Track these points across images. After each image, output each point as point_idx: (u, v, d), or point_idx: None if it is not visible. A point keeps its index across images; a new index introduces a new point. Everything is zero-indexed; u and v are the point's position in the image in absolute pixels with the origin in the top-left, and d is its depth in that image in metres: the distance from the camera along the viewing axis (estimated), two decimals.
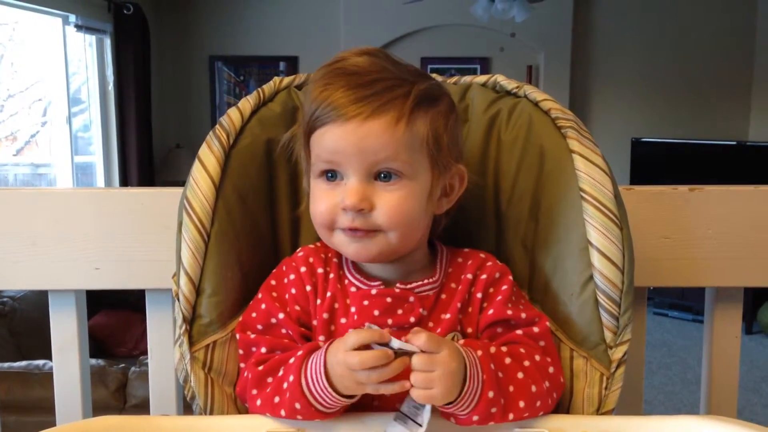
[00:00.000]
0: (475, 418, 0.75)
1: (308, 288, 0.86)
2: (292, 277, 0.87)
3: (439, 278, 0.88)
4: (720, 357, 1.11)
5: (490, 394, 0.75)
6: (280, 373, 0.79)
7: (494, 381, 0.76)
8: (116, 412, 2.24)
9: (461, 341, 0.80)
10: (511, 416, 0.77)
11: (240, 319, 0.89)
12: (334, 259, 0.89)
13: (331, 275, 0.87)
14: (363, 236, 0.81)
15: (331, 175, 0.82)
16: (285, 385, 0.77)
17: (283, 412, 0.77)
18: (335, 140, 0.80)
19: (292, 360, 0.78)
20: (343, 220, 0.81)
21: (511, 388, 0.77)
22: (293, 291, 0.86)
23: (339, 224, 0.82)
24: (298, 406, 0.75)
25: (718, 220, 1.05)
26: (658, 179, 5.08)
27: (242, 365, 0.86)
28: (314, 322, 0.85)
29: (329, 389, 0.74)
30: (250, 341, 0.85)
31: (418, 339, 0.72)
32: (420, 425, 0.74)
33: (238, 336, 0.86)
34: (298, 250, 0.91)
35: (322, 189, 0.83)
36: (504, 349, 0.82)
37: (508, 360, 0.79)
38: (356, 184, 0.80)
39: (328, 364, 0.74)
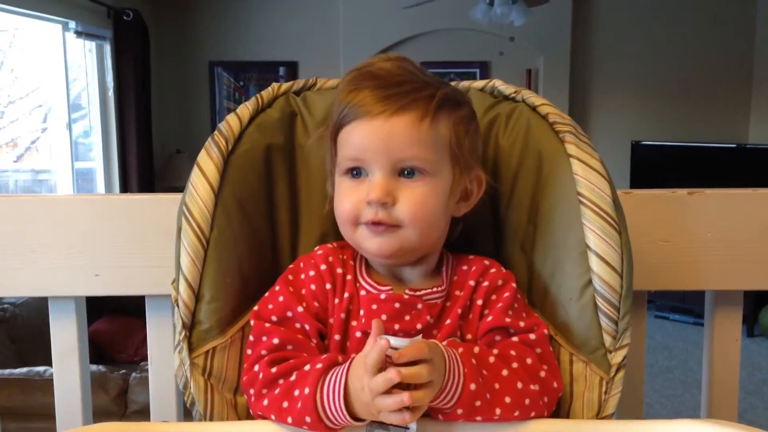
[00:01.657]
0: (460, 411, 0.75)
1: (328, 286, 0.87)
2: (311, 273, 0.88)
3: (445, 287, 0.88)
4: (720, 360, 1.11)
5: (472, 386, 0.75)
6: (293, 377, 0.79)
7: (476, 375, 0.76)
8: (117, 418, 2.24)
9: (444, 342, 0.79)
10: (498, 411, 0.77)
11: (241, 321, 0.89)
12: (351, 262, 0.90)
13: (348, 277, 0.88)
14: (384, 231, 0.83)
15: (356, 172, 0.85)
16: (296, 392, 0.77)
17: (290, 419, 0.77)
18: (362, 137, 0.82)
19: (307, 367, 0.78)
20: (366, 214, 0.83)
21: (497, 385, 0.77)
22: (312, 287, 0.87)
23: (362, 218, 0.84)
24: (308, 419, 0.75)
25: (718, 224, 1.05)
26: (658, 182, 5.08)
27: (249, 351, 0.86)
28: (330, 321, 0.86)
29: (345, 411, 0.73)
30: (264, 330, 0.85)
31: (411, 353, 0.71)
32: (407, 428, 0.73)
33: (252, 322, 0.86)
34: (316, 248, 0.92)
35: (348, 186, 0.85)
36: (495, 351, 0.82)
37: (492, 359, 0.80)
38: (381, 179, 0.82)
39: (350, 387, 0.73)
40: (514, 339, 0.84)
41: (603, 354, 0.86)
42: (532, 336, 0.85)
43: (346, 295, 0.86)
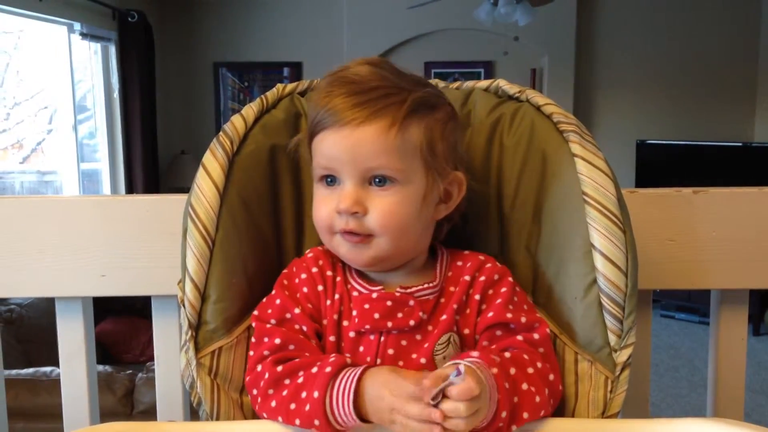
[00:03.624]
0: None
1: (320, 288, 0.88)
2: (303, 276, 0.89)
3: (438, 282, 0.88)
4: (726, 359, 1.11)
5: (503, 414, 0.75)
6: (300, 379, 0.79)
7: (508, 401, 0.76)
8: (124, 419, 2.25)
9: (474, 354, 0.79)
10: (514, 428, 0.78)
11: (247, 321, 0.90)
12: (340, 264, 0.90)
13: (338, 278, 0.89)
14: (358, 242, 0.84)
15: (330, 180, 0.85)
16: (304, 395, 0.77)
17: (297, 422, 0.77)
18: (331, 145, 0.83)
19: (315, 369, 0.78)
20: (339, 223, 0.84)
21: (516, 399, 0.78)
22: (305, 290, 0.88)
23: (336, 227, 0.85)
24: (317, 422, 0.76)
25: (723, 222, 1.05)
26: (663, 181, 5.07)
27: (251, 353, 0.86)
28: (324, 322, 0.86)
29: (354, 415, 0.74)
30: (265, 331, 0.85)
31: (465, 391, 0.70)
32: None
33: (253, 324, 0.87)
34: (307, 252, 0.92)
35: (322, 194, 0.86)
36: (507, 354, 0.82)
37: (513, 371, 0.79)
38: (351, 189, 0.83)
39: (366, 391, 0.74)
40: (519, 338, 0.84)
41: (608, 353, 0.86)
42: (535, 336, 0.85)
43: (336, 296, 0.87)
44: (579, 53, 5.22)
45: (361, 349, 0.84)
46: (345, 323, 0.85)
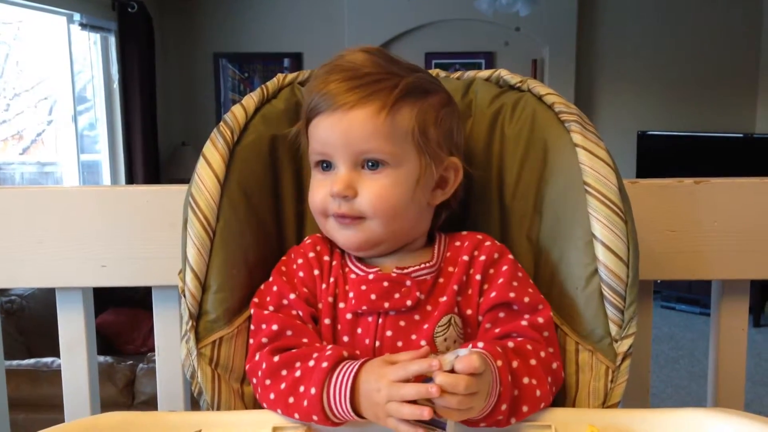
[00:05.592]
0: (483, 425, 0.76)
1: (316, 272, 0.88)
2: (300, 261, 0.90)
3: (436, 262, 0.89)
4: (727, 350, 1.11)
5: (503, 407, 0.75)
6: (297, 372, 0.79)
7: (509, 394, 0.76)
8: (124, 409, 2.25)
9: (480, 345, 0.79)
10: (513, 420, 0.78)
11: (248, 311, 0.90)
12: (338, 249, 0.91)
13: (334, 262, 0.89)
14: (350, 224, 0.85)
15: (325, 165, 0.86)
16: (302, 389, 0.77)
17: (296, 416, 0.78)
18: (325, 129, 0.84)
19: (312, 363, 0.78)
20: (332, 207, 0.85)
21: (516, 393, 0.78)
22: (301, 274, 0.88)
23: (330, 211, 0.86)
24: (315, 418, 0.76)
25: (724, 213, 1.04)
26: (664, 172, 5.06)
27: (251, 340, 0.87)
28: (319, 305, 0.87)
29: (351, 411, 0.74)
30: (262, 317, 0.86)
31: (469, 363, 0.70)
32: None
33: (252, 311, 0.88)
34: (306, 238, 0.93)
35: (318, 179, 0.88)
36: (510, 344, 0.82)
37: (515, 363, 0.79)
38: (344, 173, 0.84)
39: (361, 385, 0.74)
40: (523, 323, 0.84)
41: (609, 343, 0.86)
42: (540, 319, 0.85)
43: (332, 279, 0.88)
44: (580, 44, 5.20)
45: (359, 331, 0.85)
46: (341, 305, 0.86)
